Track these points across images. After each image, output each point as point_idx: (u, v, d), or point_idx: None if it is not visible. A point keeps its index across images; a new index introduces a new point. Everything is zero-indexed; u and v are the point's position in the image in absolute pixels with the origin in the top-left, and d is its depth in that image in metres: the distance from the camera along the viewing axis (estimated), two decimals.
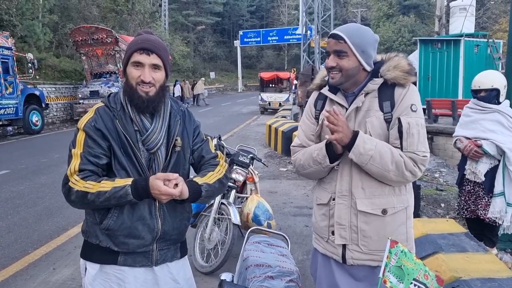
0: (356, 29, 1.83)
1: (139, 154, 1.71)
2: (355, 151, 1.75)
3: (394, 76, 1.79)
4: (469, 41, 14.23)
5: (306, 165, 1.93)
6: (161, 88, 1.73)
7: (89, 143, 1.67)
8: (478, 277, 2.39)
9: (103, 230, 1.72)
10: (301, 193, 6.59)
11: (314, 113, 2.02)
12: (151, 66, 1.69)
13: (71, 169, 1.66)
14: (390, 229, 1.82)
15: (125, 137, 1.70)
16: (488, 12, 30.23)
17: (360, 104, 1.82)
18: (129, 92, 1.71)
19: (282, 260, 2.31)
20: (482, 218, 3.66)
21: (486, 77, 3.61)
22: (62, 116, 18.18)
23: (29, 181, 7.38)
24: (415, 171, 1.75)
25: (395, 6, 43.73)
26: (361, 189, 1.83)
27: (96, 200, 1.62)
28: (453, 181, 7.09)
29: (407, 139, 1.74)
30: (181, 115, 1.85)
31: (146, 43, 1.69)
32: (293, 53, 54.39)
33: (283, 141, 9.58)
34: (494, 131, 3.52)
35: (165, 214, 1.78)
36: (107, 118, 1.71)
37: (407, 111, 1.76)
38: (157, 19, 35.80)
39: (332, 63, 1.81)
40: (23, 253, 4.34)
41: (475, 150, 3.56)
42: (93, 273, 1.76)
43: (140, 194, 1.63)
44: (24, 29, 18.21)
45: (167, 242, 1.82)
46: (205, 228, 3.86)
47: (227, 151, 4.41)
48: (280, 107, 20.60)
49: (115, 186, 1.62)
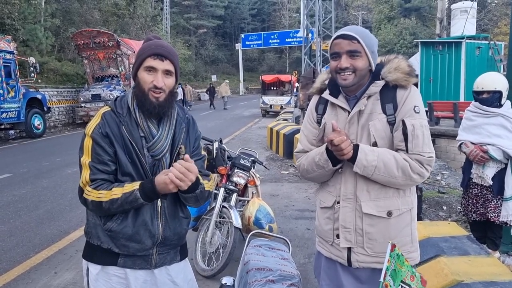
0: (363, 30, 1.83)
1: (144, 160, 1.72)
2: (358, 165, 1.75)
3: (396, 78, 1.79)
4: (470, 43, 14.23)
5: (310, 170, 1.93)
6: (171, 94, 1.75)
7: (97, 150, 1.69)
8: (480, 280, 2.38)
9: (105, 232, 1.74)
10: (302, 196, 6.58)
11: (315, 117, 2.00)
12: (164, 71, 1.71)
13: (83, 180, 1.69)
14: (395, 231, 1.82)
15: (131, 143, 1.70)
16: (489, 14, 30.22)
17: (363, 107, 1.81)
18: (141, 97, 1.71)
19: (283, 263, 2.31)
20: (492, 220, 3.65)
21: (489, 79, 3.60)
22: (64, 119, 18.23)
23: (31, 185, 7.39)
24: (423, 172, 1.75)
25: (396, 8, 43.79)
26: (366, 191, 1.82)
27: (111, 207, 1.66)
28: (455, 184, 7.08)
29: (412, 141, 1.74)
30: (186, 122, 1.87)
31: (160, 49, 1.70)
32: (294, 56, 54.45)
33: (285, 144, 9.57)
34: (499, 135, 3.51)
35: (167, 220, 1.80)
36: (113, 123, 1.71)
37: (411, 113, 1.76)
38: (158, 23, 35.90)
39: (346, 64, 1.77)
40: (24, 257, 4.34)
41: (481, 155, 3.56)
42: (95, 273, 1.80)
43: (149, 196, 1.66)
44: (26, 33, 18.29)
45: (166, 247, 1.84)
46: (207, 231, 3.85)
47: (228, 155, 4.41)
48: (281, 110, 20.66)
49: (124, 192, 1.65)
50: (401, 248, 1.68)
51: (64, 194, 6.76)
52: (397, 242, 1.74)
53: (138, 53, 1.75)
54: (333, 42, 1.82)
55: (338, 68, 1.79)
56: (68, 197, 6.52)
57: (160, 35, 32.74)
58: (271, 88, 24.57)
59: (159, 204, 1.77)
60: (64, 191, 6.94)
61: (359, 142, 1.82)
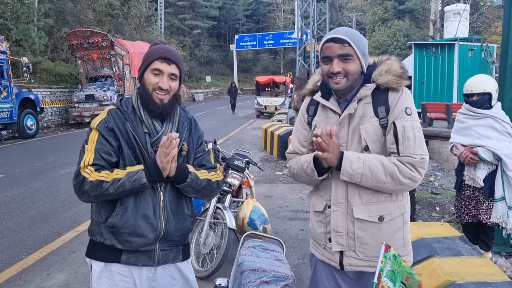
0: (354, 32, 1.80)
1: (147, 155, 1.79)
2: (344, 173, 1.74)
3: (387, 81, 1.76)
4: (463, 45, 14.35)
5: (299, 175, 1.93)
6: (174, 96, 1.83)
7: (102, 140, 1.76)
8: (472, 281, 2.40)
9: (108, 228, 1.79)
10: (296, 197, 6.59)
11: (306, 119, 1.99)
12: (169, 75, 1.79)
13: (85, 162, 1.73)
14: (387, 236, 1.80)
15: (135, 138, 1.78)
16: (482, 16, 30.44)
17: (352, 111, 1.79)
18: (145, 97, 1.80)
19: (277, 264, 2.31)
20: (484, 222, 3.67)
21: (478, 81, 3.63)
22: (57, 120, 18.11)
23: (24, 186, 7.34)
24: (414, 176, 1.71)
25: (390, 10, 44.00)
26: (357, 196, 1.81)
27: (111, 187, 1.69)
28: (448, 185, 7.13)
29: (403, 143, 1.71)
30: (188, 122, 1.95)
31: (167, 53, 1.78)
32: (289, 57, 54.55)
33: (279, 145, 9.59)
34: (489, 137, 3.54)
35: (169, 214, 1.85)
36: (119, 119, 1.80)
37: (402, 115, 1.74)
38: (153, 23, 35.81)
39: (338, 68, 1.74)
40: (16, 259, 4.31)
41: (470, 157, 3.59)
42: (98, 270, 1.84)
43: (152, 176, 1.72)
44: (19, 33, 18.13)
45: (169, 243, 1.88)
46: (201, 232, 3.85)
47: (222, 155, 4.40)
48: (276, 111, 20.67)
49: (129, 171, 1.72)
50: None
51: (57, 195, 6.72)
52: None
53: (146, 55, 1.82)
54: (324, 45, 1.78)
55: (330, 73, 1.76)
56: (61, 198, 6.48)
57: (155, 35, 32.68)
58: (265, 89, 24.60)
59: (161, 198, 1.83)
60: (57, 192, 6.90)
61: (350, 145, 1.81)
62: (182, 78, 1.87)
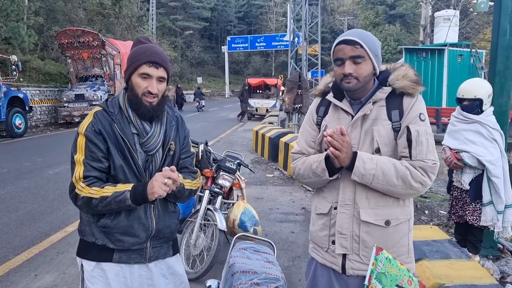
0: (366, 33, 1.80)
1: (136, 156, 1.79)
2: (356, 173, 1.73)
3: (403, 86, 1.78)
4: (453, 50, 14.54)
5: (306, 175, 1.90)
6: (163, 97, 1.83)
7: (90, 147, 1.74)
8: (461, 283, 2.43)
9: (100, 228, 1.79)
10: (287, 199, 6.60)
11: (315, 119, 1.97)
12: (158, 78, 1.78)
13: (76, 176, 1.73)
14: (392, 241, 1.80)
15: (123, 140, 1.77)
16: (471, 22, 30.87)
17: (368, 112, 1.79)
18: (135, 101, 1.78)
19: (268, 266, 2.31)
20: (470, 223, 3.74)
21: (470, 87, 3.66)
22: (46, 119, 17.90)
23: (11, 185, 7.24)
24: (425, 181, 1.71)
25: (381, 15, 44.45)
26: (365, 199, 1.80)
27: (100, 204, 1.70)
28: (437, 188, 7.19)
29: (416, 147, 1.72)
30: (175, 121, 1.95)
31: (155, 57, 1.76)
32: (280, 60, 54.70)
33: (270, 147, 9.60)
34: (475, 142, 3.59)
35: (159, 213, 1.88)
36: (105, 121, 1.77)
37: (416, 120, 1.75)
38: (144, 23, 35.64)
39: (350, 70, 1.73)
40: (4, 259, 4.25)
41: (455, 162, 3.68)
42: (89, 269, 1.84)
43: (137, 199, 1.72)
44: (8, 31, 17.91)
45: (160, 240, 1.92)
46: (191, 234, 3.83)
47: (213, 157, 4.39)
48: (267, 113, 20.69)
49: (116, 191, 1.71)
50: (397, 258, 1.66)
51: (45, 195, 6.64)
52: (393, 252, 1.73)
53: (132, 57, 1.79)
54: (336, 47, 1.78)
55: (342, 75, 1.76)
56: (49, 198, 6.41)
57: (146, 36, 32.46)
58: (257, 91, 24.61)
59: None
60: (45, 192, 6.82)
61: (361, 147, 1.80)
62: (169, 79, 1.87)
